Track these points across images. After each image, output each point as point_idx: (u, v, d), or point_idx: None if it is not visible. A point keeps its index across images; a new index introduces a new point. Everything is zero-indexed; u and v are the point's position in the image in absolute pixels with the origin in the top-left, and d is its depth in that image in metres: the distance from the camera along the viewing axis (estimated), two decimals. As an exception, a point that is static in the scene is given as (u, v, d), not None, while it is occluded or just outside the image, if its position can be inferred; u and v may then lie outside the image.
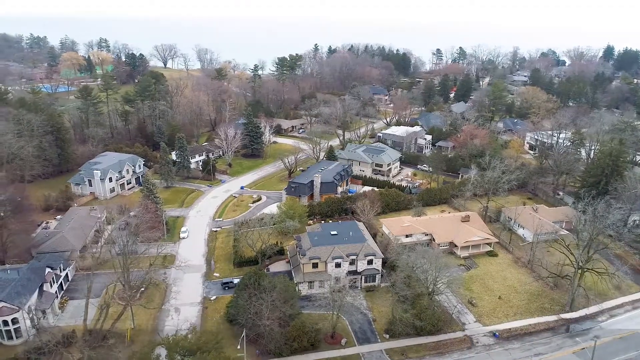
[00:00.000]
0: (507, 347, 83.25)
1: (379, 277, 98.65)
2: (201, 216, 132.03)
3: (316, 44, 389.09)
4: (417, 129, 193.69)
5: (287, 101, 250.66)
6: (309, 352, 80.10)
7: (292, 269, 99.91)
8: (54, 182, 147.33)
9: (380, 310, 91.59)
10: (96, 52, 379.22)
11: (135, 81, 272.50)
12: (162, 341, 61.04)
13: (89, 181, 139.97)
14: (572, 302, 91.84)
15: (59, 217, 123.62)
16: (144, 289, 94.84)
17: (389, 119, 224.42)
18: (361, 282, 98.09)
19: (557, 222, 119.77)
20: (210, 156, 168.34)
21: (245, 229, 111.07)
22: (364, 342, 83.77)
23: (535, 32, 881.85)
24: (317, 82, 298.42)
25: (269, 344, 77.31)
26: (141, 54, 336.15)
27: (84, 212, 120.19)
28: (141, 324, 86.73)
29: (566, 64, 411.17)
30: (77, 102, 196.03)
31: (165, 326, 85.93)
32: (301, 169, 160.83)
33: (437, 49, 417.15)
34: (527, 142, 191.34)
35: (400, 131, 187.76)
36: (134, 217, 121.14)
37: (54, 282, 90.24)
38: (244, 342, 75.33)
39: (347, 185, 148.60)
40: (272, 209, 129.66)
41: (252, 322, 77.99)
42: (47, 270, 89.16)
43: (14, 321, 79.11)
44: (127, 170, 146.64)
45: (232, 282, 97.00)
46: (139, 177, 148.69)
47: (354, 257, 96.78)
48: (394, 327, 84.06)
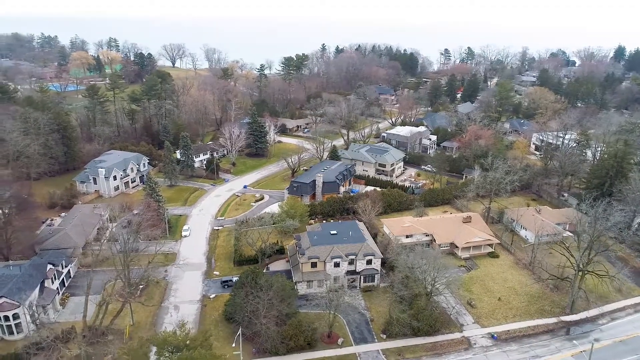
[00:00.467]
0: (505, 349, 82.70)
1: (378, 277, 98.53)
2: (203, 215, 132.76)
3: (323, 44, 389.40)
4: (421, 129, 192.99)
5: (293, 101, 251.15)
6: (306, 351, 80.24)
7: (291, 268, 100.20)
8: (60, 180, 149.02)
9: (378, 310, 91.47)
10: (105, 52, 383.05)
11: (143, 80, 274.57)
12: (150, 338, 61.58)
13: (94, 179, 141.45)
14: (572, 305, 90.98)
15: (63, 214, 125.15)
16: (144, 287, 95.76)
17: (394, 119, 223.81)
18: (360, 281, 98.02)
19: (560, 224, 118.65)
20: (214, 155, 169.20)
21: (245, 227, 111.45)
22: (360, 342, 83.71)
23: (536, 32, 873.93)
24: (324, 82, 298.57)
25: (265, 343, 77.65)
26: (149, 54, 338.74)
27: (87, 210, 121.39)
28: (140, 321, 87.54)
29: (576, 65, 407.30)
30: (85, 101, 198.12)
31: (164, 323, 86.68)
32: (304, 168, 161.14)
33: (445, 49, 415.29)
34: (533, 143, 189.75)
35: (404, 131, 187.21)
36: (137, 215, 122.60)
37: (55, 279, 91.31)
38: (239, 340, 75.63)
39: (349, 185, 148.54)
40: (274, 208, 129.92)
41: (249, 320, 78.51)
42: (49, 266, 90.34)
43: (15, 316, 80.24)
44: (132, 168, 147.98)
45: (231, 280, 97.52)
46: (143, 175, 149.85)
47: (353, 257, 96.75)
48: (391, 328, 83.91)
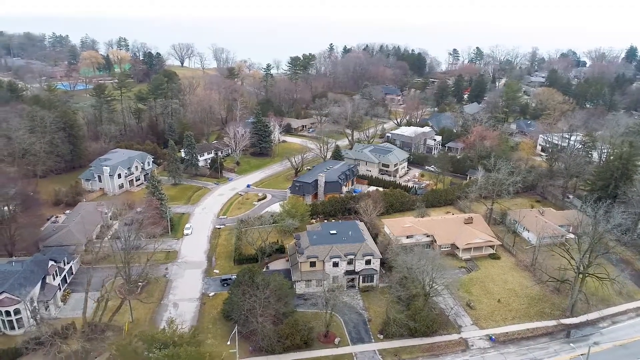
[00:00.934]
0: (503, 351, 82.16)
1: (377, 277, 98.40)
2: (206, 213, 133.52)
3: (331, 44, 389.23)
4: (426, 129, 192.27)
5: (299, 100, 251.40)
6: (302, 350, 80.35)
7: (290, 268, 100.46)
8: (67, 178, 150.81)
9: (376, 310, 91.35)
10: (115, 51, 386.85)
11: (151, 80, 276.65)
12: (139, 334, 62.20)
13: (99, 177, 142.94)
14: (572, 308, 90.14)
15: (67, 211, 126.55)
16: (145, 284, 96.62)
17: (399, 119, 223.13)
18: (359, 281, 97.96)
19: (563, 226, 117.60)
20: (218, 154, 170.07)
21: (246, 226, 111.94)
22: (357, 341, 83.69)
23: (545, 32, 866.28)
24: (330, 82, 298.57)
25: (262, 341, 77.96)
26: (158, 53, 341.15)
27: (91, 208, 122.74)
28: (139, 318, 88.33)
29: (587, 65, 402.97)
30: (92, 100, 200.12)
31: (162, 321, 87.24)
32: (308, 168, 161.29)
33: (454, 49, 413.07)
34: (539, 144, 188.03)
35: (409, 131, 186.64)
36: (140, 213, 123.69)
37: (56, 275, 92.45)
38: (235, 338, 76.03)
39: (352, 184, 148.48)
40: (276, 207, 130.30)
41: (245, 318, 78.88)
42: (50, 263, 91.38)
43: (16, 312, 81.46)
44: (136, 167, 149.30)
45: (230, 278, 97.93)
46: (147, 173, 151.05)
47: (352, 257, 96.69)
48: (388, 328, 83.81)
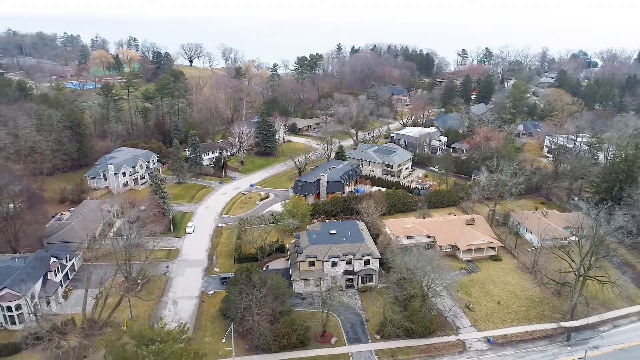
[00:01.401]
0: (500, 354, 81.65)
1: (376, 277, 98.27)
2: (209, 212, 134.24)
3: (339, 44, 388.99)
4: (431, 130, 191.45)
5: (305, 100, 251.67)
6: (298, 349, 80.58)
7: (290, 267, 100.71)
8: (73, 176, 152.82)
9: (374, 310, 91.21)
10: (125, 51, 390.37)
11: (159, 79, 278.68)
12: (127, 330, 62.81)
13: (104, 175, 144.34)
14: (573, 311, 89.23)
15: (72, 209, 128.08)
16: (145, 282, 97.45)
17: (405, 120, 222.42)
18: (358, 282, 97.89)
19: (567, 228, 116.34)
20: (223, 153, 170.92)
21: (246, 225, 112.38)
22: (354, 341, 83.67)
23: (547, 32, 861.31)
24: (337, 82, 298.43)
25: (258, 340, 78.27)
26: (166, 53, 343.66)
27: (95, 205, 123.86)
28: (139, 315, 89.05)
29: (598, 66, 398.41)
30: (100, 99, 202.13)
31: (161, 317, 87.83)
32: (311, 167, 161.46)
33: (463, 50, 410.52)
34: (545, 146, 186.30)
35: (413, 132, 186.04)
36: (143, 211, 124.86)
37: (58, 272, 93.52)
38: (231, 336, 76.40)
39: (355, 185, 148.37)
40: (278, 207, 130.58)
41: (242, 317, 79.27)
42: (52, 259, 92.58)
43: (17, 307, 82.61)
44: (141, 165, 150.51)
45: (230, 277, 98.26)
46: (152, 172, 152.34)
47: (351, 257, 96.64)
48: (385, 328, 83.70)
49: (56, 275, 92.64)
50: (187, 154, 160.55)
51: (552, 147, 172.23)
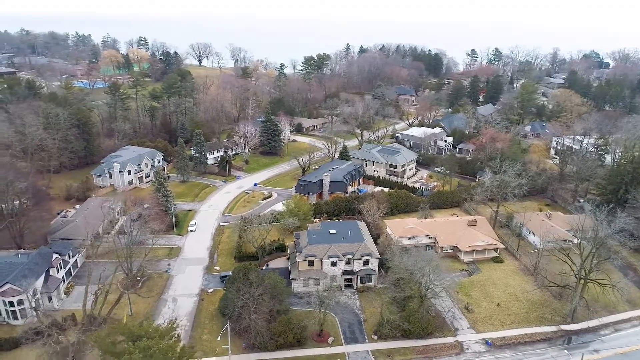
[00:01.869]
0: (498, 356, 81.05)
1: (375, 277, 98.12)
2: (212, 211, 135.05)
3: (348, 44, 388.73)
4: (437, 130, 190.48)
5: (312, 100, 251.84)
6: (295, 348, 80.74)
7: (289, 266, 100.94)
8: (80, 173, 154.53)
9: (372, 311, 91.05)
10: (135, 50, 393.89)
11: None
12: (116, 327, 63.49)
13: (109, 173, 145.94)
14: (573, 314, 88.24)
15: (77, 206, 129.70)
16: (146, 279, 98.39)
17: (411, 120, 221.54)
18: (357, 281, 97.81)
19: (571, 230, 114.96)
20: (228, 152, 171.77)
21: (247, 224, 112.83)
22: (351, 341, 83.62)
23: (559, 32, 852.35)
24: (344, 82, 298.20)
25: (254, 339, 78.57)
26: (175, 52, 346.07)
27: (99, 203, 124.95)
28: (138, 312, 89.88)
29: (610, 66, 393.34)
30: (108, 98, 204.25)
31: (160, 315, 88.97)
32: (315, 167, 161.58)
33: (472, 50, 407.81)
34: (552, 147, 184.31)
35: (418, 132, 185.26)
36: (147, 209, 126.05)
37: (61, 268, 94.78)
38: (228, 335, 76.82)
39: (358, 185, 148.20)
40: (280, 206, 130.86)
41: (239, 315, 79.64)
42: (55, 256, 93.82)
43: (19, 302, 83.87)
44: (146, 163, 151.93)
45: (229, 275, 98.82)
46: (156, 170, 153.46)
47: (350, 257, 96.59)
48: (382, 329, 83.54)
49: (58, 271, 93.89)
50: (193, 152, 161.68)
51: (558, 148, 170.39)
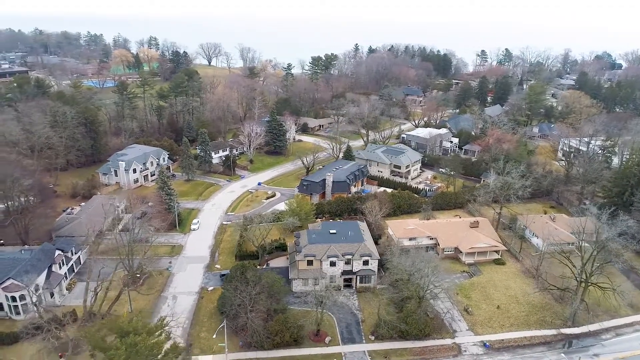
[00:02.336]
0: (496, 359, 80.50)
1: (374, 278, 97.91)
2: (215, 209, 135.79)
3: (357, 44, 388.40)
4: (443, 131, 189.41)
5: (319, 100, 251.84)
6: (292, 347, 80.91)
7: (289, 265, 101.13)
8: (86, 171, 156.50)
9: (371, 311, 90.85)
10: (145, 50, 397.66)
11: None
12: (105, 322, 64.11)
13: (115, 171, 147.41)
14: (574, 317, 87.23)
15: (82, 204, 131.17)
16: (147, 276, 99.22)
17: (417, 121, 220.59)
18: (356, 282, 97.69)
19: (574, 233, 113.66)
20: (233, 152, 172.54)
21: (249, 223, 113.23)
22: (348, 341, 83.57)
23: (571, 32, 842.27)
24: (352, 82, 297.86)
25: (251, 337, 78.88)
26: (185, 52, 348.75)
27: (104, 201, 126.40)
28: (139, 309, 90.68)
29: (622, 68, 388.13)
30: (116, 97, 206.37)
31: (160, 311, 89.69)
32: (319, 167, 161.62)
33: (482, 51, 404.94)
34: (560, 149, 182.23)
35: (424, 133, 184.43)
36: (151, 207, 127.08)
37: (63, 264, 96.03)
38: (224, 333, 77.23)
39: (362, 185, 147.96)
40: (283, 206, 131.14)
41: (236, 313, 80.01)
42: (57, 252, 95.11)
43: (22, 297, 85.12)
44: (151, 162, 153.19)
45: (228, 274, 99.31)
46: (160, 168, 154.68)
47: (350, 257, 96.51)
48: (380, 329, 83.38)
49: (61, 267, 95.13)
50: (198, 151, 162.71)
51: (564, 149, 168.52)
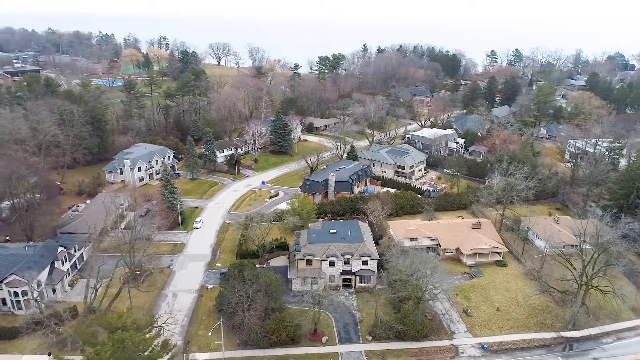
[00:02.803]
0: (493, 361, 79.99)
1: (374, 278, 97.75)
2: (218, 208, 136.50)
3: (365, 44, 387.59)
4: (448, 132, 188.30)
5: (326, 100, 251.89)
6: (289, 346, 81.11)
7: (288, 265, 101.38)
8: (93, 169, 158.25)
9: (369, 311, 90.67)
10: (154, 49, 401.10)
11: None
12: (95, 318, 64.78)
13: (121, 169, 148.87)
14: (574, 320, 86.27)
15: (87, 201, 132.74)
16: (148, 274, 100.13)
17: (423, 121, 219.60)
18: (355, 282, 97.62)
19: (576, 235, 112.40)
20: (238, 151, 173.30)
21: (250, 222, 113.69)
22: (345, 341, 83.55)
23: (584, 32, 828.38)
24: (359, 82, 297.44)
25: (248, 336, 79.20)
26: (194, 52, 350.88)
27: (108, 199, 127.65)
28: (139, 306, 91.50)
29: (635, 68, 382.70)
30: (124, 96, 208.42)
31: (159, 309, 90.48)
32: (324, 167, 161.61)
33: (492, 51, 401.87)
34: (568, 150, 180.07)
35: (429, 133, 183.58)
36: (155, 205, 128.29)
37: (65, 261, 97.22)
38: (221, 330, 77.66)
39: (365, 185, 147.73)
40: (285, 205, 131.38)
41: (234, 312, 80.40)
42: (60, 249, 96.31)
43: (24, 293, 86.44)
44: (157, 161, 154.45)
45: (225, 272, 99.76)
46: (164, 167, 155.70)
47: (349, 257, 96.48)
48: (377, 330, 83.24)
49: (63, 264, 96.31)
50: (203, 150, 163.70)
51: (572, 150, 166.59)
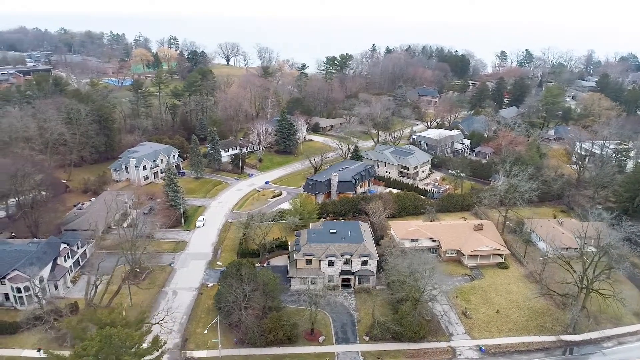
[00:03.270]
0: (491, 363, 79.40)
1: (373, 278, 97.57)
2: (221, 207, 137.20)
3: (374, 44, 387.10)
4: (454, 132, 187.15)
5: (332, 100, 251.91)
6: (285, 345, 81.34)
7: (288, 264, 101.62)
8: (100, 167, 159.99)
9: (367, 312, 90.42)
10: (164, 49, 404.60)
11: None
12: (86, 314, 65.48)
13: (126, 168, 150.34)
14: (575, 324, 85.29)
15: (92, 199, 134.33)
16: (149, 272, 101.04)
17: (429, 122, 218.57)
18: (354, 282, 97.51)
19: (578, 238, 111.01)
20: (243, 150, 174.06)
21: (252, 221, 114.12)
22: (342, 341, 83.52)
23: (597, 32, 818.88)
24: (367, 82, 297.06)
25: (244, 334, 79.53)
26: (203, 52, 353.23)
27: (113, 197, 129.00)
28: (139, 303, 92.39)
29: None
30: (131, 95, 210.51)
31: (159, 306, 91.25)
32: (327, 167, 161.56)
33: (502, 51, 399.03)
34: (576, 152, 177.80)
35: (434, 134, 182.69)
36: (159, 203, 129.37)
37: (68, 258, 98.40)
38: (217, 329, 78.12)
39: (368, 185, 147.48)
40: (287, 205, 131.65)
41: (231, 310, 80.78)
42: (63, 246, 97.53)
43: (26, 289, 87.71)
44: (162, 159, 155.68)
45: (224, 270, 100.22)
46: (168, 166, 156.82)
47: (349, 257, 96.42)
48: (374, 330, 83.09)
49: (66, 260, 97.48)
50: (208, 149, 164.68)
51: (579, 152, 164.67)
